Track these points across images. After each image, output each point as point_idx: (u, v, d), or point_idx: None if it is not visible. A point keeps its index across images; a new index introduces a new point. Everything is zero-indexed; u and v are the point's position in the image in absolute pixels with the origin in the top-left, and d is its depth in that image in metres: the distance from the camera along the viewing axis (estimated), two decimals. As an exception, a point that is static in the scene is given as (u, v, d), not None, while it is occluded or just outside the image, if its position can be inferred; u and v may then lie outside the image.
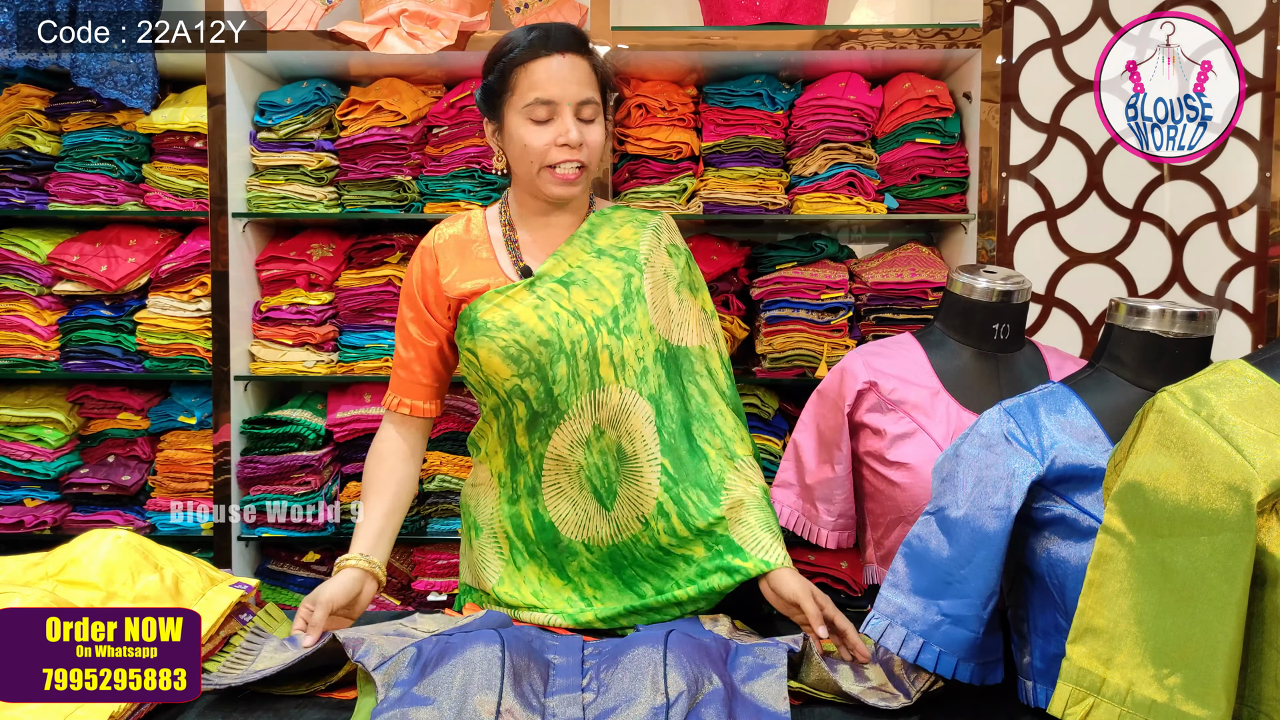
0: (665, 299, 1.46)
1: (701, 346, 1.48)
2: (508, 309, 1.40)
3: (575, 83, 1.38)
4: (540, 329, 1.38)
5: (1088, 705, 0.93)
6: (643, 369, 1.41)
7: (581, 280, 1.42)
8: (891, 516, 1.43)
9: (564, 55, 1.38)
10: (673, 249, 1.51)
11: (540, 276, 1.43)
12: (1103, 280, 2.38)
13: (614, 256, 1.45)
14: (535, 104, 1.37)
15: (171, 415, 2.53)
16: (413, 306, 1.49)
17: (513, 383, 1.40)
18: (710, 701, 1.01)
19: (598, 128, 1.41)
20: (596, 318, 1.40)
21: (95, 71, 2.34)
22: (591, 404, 1.39)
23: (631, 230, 1.48)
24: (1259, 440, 0.86)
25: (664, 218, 1.54)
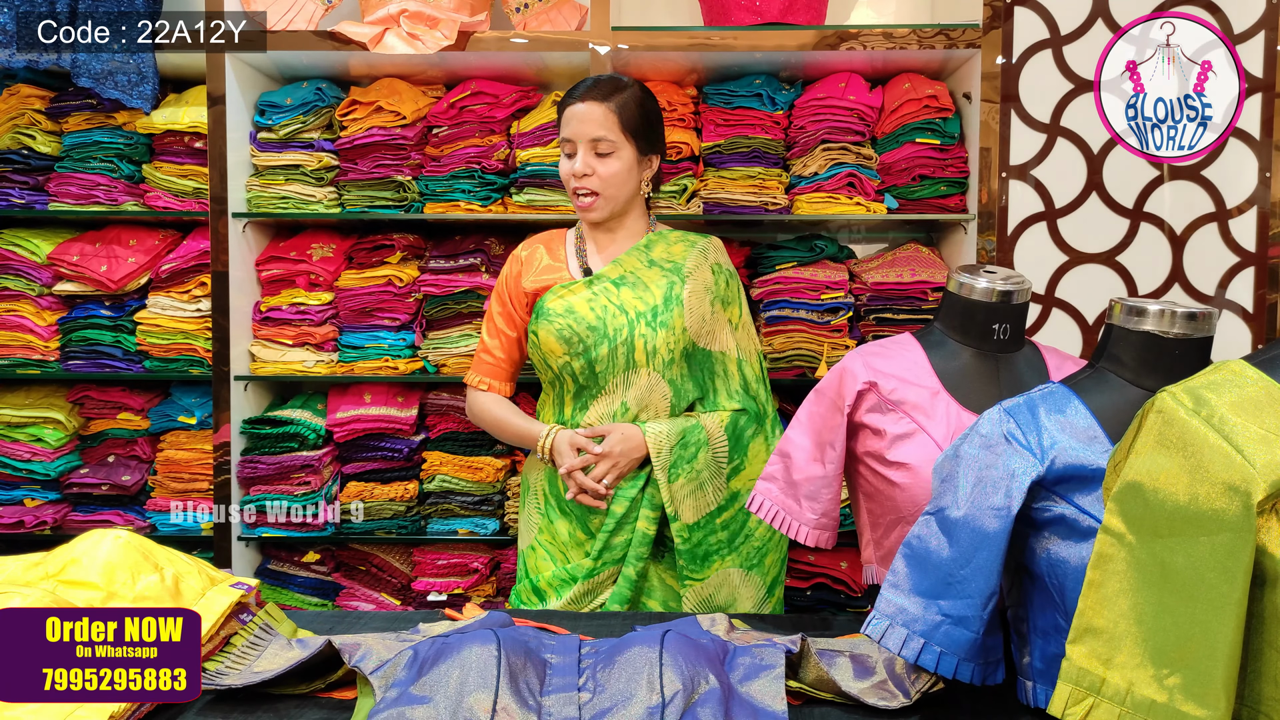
0: (701, 307, 1.74)
1: (723, 352, 1.78)
2: (567, 300, 1.73)
3: (590, 123, 1.70)
4: (590, 317, 1.71)
5: (1087, 705, 0.93)
6: (670, 359, 1.72)
7: (632, 283, 1.74)
8: (891, 516, 1.43)
9: (583, 102, 1.71)
10: (716, 268, 1.79)
11: (599, 277, 1.75)
12: (1103, 280, 2.38)
13: (663, 267, 1.76)
14: (563, 142, 1.74)
15: (172, 415, 2.53)
16: (500, 302, 1.84)
17: (564, 360, 1.72)
18: (707, 701, 1.01)
19: (612, 161, 1.71)
20: (638, 312, 1.71)
21: (95, 71, 2.34)
22: (624, 383, 1.72)
23: (683, 248, 1.79)
24: (1259, 440, 0.86)
25: (713, 241, 1.83)
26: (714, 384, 1.78)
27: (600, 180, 1.72)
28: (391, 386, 2.52)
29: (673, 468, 1.69)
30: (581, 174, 1.71)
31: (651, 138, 1.78)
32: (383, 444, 2.48)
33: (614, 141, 1.71)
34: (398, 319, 2.48)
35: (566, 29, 2.43)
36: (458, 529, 2.48)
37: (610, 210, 1.75)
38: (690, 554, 1.69)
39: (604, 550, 1.71)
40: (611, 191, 1.73)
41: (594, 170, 1.71)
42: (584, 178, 1.71)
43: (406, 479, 2.50)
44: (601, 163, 1.71)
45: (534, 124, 2.45)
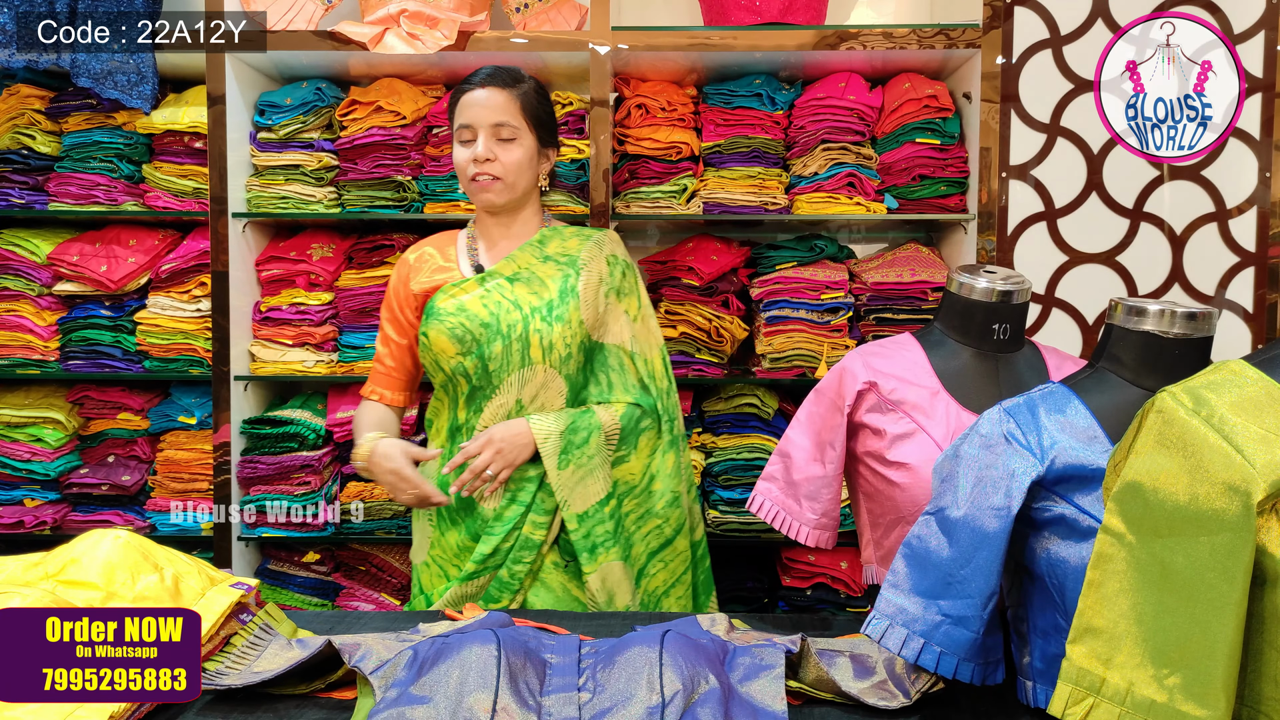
0: (596, 299, 1.70)
1: (618, 345, 1.72)
2: (458, 298, 1.67)
3: (492, 108, 1.66)
4: (483, 314, 1.65)
5: (1087, 705, 0.93)
6: (567, 354, 1.67)
7: (526, 278, 1.69)
8: (891, 516, 1.43)
9: (484, 89, 1.67)
10: (611, 259, 1.75)
11: (491, 273, 1.70)
12: (1103, 280, 2.38)
13: (558, 261, 1.72)
14: (460, 129, 1.68)
15: (171, 415, 2.53)
16: (388, 308, 1.78)
17: (456, 360, 1.66)
18: (706, 701, 1.01)
19: (514, 148, 1.67)
20: (533, 307, 1.66)
21: (95, 71, 2.34)
22: (519, 380, 1.66)
23: (577, 242, 1.75)
24: (1259, 440, 0.86)
25: (609, 233, 1.80)
26: (610, 378, 1.71)
27: (502, 166, 1.66)
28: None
29: (562, 454, 1.62)
30: (484, 158, 1.65)
31: (551, 130, 1.74)
32: (383, 444, 2.48)
33: (516, 128, 1.67)
34: (398, 319, 2.48)
35: (566, 29, 2.43)
36: (458, 529, 2.48)
37: (509, 197, 1.69)
38: (580, 545, 1.63)
39: (490, 555, 1.64)
40: (512, 179, 1.67)
41: (496, 156, 1.66)
42: (486, 163, 1.65)
43: (406, 479, 2.49)
44: (504, 149, 1.66)
45: (534, 124, 2.44)
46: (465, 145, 1.68)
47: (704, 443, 2.49)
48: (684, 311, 2.44)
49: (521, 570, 1.64)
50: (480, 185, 1.67)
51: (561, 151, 2.42)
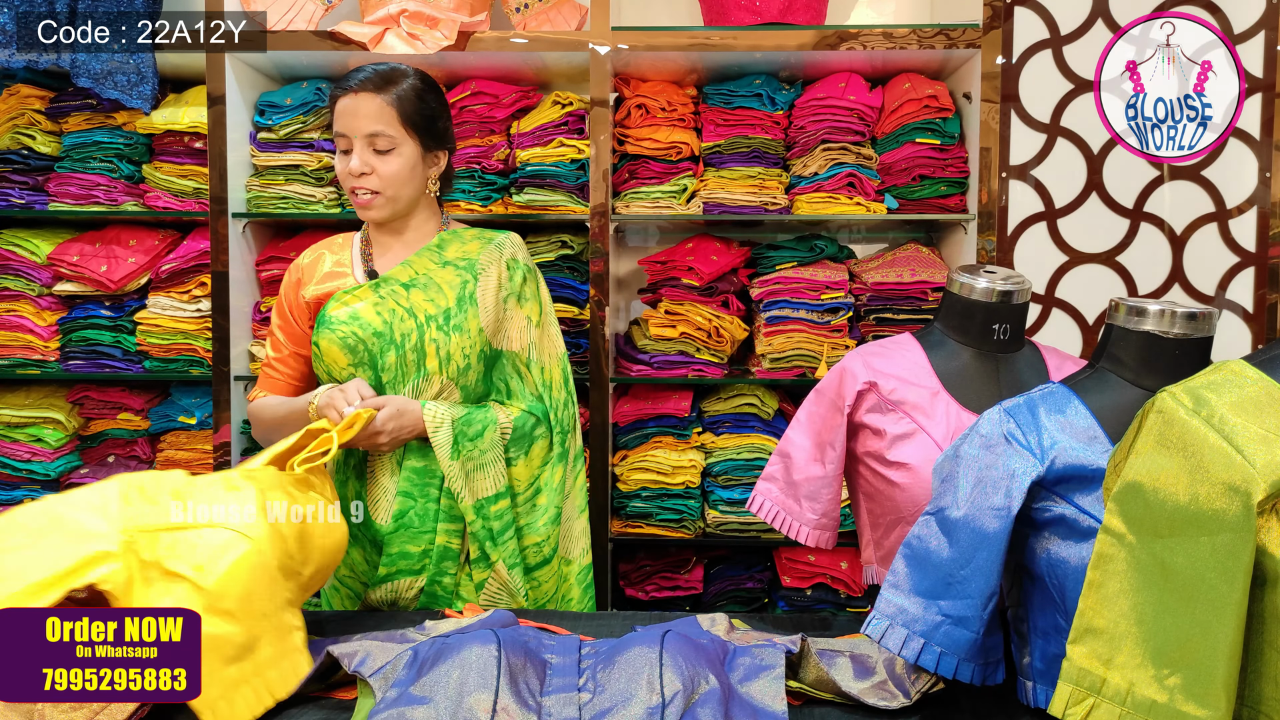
0: (495, 306, 1.63)
1: (515, 352, 1.66)
2: (350, 305, 1.59)
3: (364, 117, 1.57)
4: (376, 322, 1.57)
5: (1088, 705, 0.93)
6: (466, 365, 1.60)
7: (423, 284, 1.61)
8: (891, 517, 1.43)
9: (355, 94, 1.58)
10: (511, 263, 1.67)
11: (385, 279, 1.61)
12: (1103, 280, 2.38)
13: (457, 266, 1.63)
14: (337, 137, 1.60)
15: (171, 415, 2.53)
16: (281, 315, 1.70)
17: (348, 371, 1.59)
18: (706, 701, 1.01)
19: (392, 158, 1.58)
20: (429, 315, 1.58)
21: (95, 71, 2.34)
22: (413, 392, 1.59)
23: (478, 246, 1.67)
24: (1259, 440, 0.86)
25: (510, 237, 1.71)
26: (509, 385, 1.65)
27: (380, 179, 1.58)
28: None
29: (455, 444, 1.55)
30: (359, 172, 1.57)
31: (435, 133, 1.64)
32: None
33: (393, 136, 1.57)
34: (398, 319, 2.48)
35: (566, 29, 2.43)
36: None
37: (393, 210, 1.62)
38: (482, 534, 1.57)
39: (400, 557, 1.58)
40: (393, 191, 1.59)
41: (373, 168, 1.57)
42: (362, 176, 1.57)
43: (406, 479, 2.49)
44: (381, 160, 1.58)
45: (534, 124, 2.45)
46: (344, 155, 1.59)
47: (704, 443, 2.49)
48: (684, 311, 2.44)
49: (449, 583, 1.59)
50: (360, 203, 1.59)
51: (561, 152, 2.42)
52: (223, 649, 1.10)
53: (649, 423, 2.47)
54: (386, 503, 1.60)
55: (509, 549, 1.60)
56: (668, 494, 2.45)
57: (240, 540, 1.18)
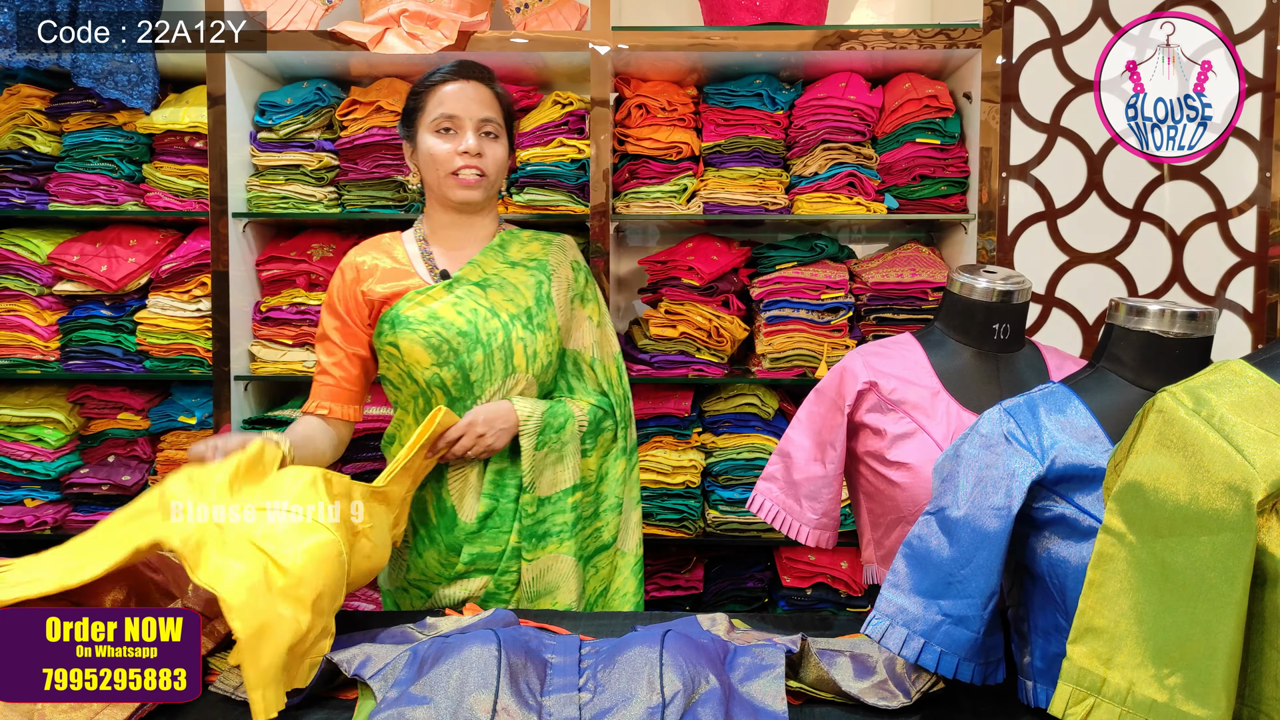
0: (565, 306, 1.69)
1: (578, 350, 1.71)
2: (428, 306, 1.60)
3: (479, 103, 1.61)
4: (459, 322, 1.59)
5: (1088, 705, 0.93)
6: (549, 362, 1.65)
7: (498, 284, 1.63)
8: (891, 516, 1.43)
9: (469, 81, 1.62)
10: (575, 264, 1.74)
11: (458, 279, 1.63)
12: (1103, 280, 2.38)
13: (526, 266, 1.67)
14: (441, 118, 1.60)
15: (172, 415, 2.53)
16: (334, 315, 1.66)
17: (432, 371, 1.60)
18: (707, 701, 1.01)
19: (498, 146, 1.63)
20: (511, 315, 1.61)
21: (96, 71, 2.34)
22: (501, 390, 1.61)
23: (540, 246, 1.71)
24: (1259, 440, 0.86)
25: (568, 239, 1.77)
26: (571, 383, 1.70)
27: (488, 162, 1.61)
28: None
29: (540, 434, 1.59)
30: (475, 152, 1.59)
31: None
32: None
33: (499, 125, 1.63)
34: (398, 319, 2.48)
35: (566, 29, 2.43)
36: (458, 529, 2.48)
37: (488, 195, 1.65)
38: (530, 531, 1.60)
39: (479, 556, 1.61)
40: (494, 176, 1.63)
41: (484, 152, 1.61)
42: (478, 157, 1.59)
43: (406, 479, 2.50)
44: (490, 145, 1.62)
45: (534, 124, 2.45)
46: (446, 135, 1.60)
47: (704, 443, 2.49)
48: (684, 311, 2.44)
49: (509, 581, 1.62)
50: (463, 182, 1.60)
51: (562, 151, 2.42)
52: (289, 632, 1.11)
53: (649, 422, 2.47)
54: (472, 501, 1.63)
55: (577, 542, 1.64)
56: (668, 494, 2.45)
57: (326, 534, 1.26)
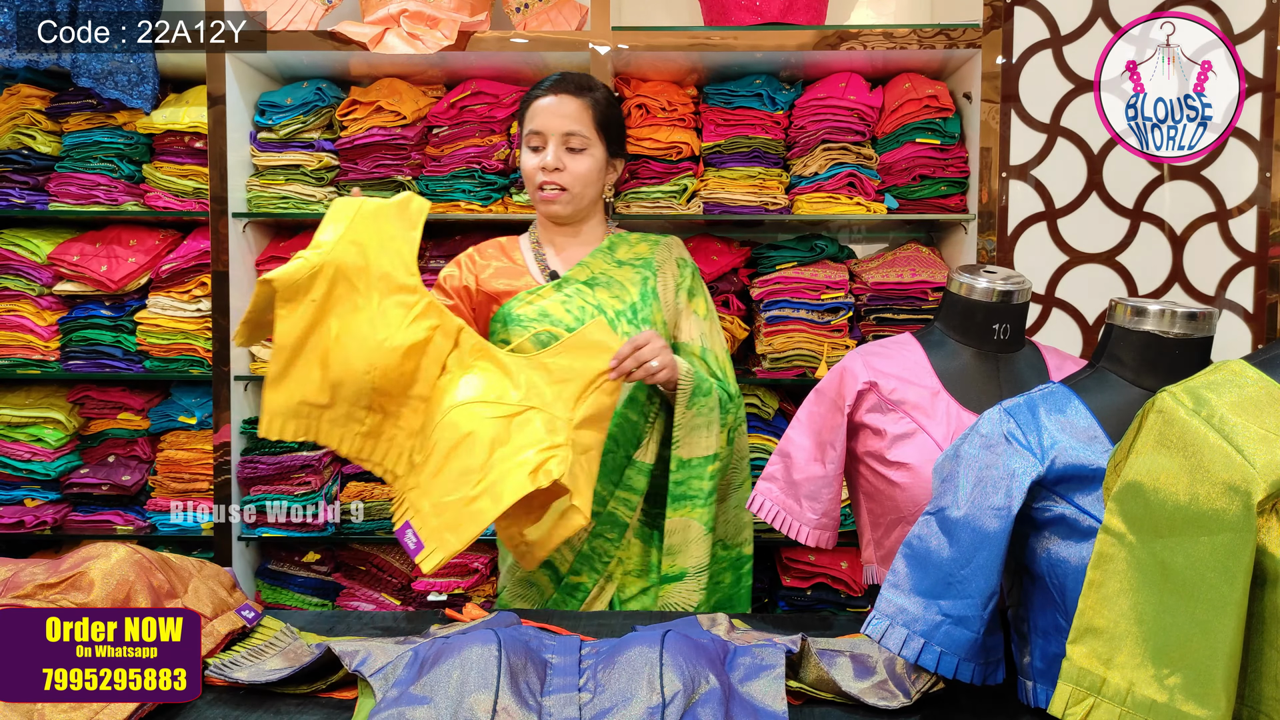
0: (672, 301, 1.72)
1: (688, 343, 1.73)
2: (538, 304, 1.65)
3: (563, 117, 1.65)
4: (567, 319, 1.62)
5: (1088, 705, 0.93)
6: None
7: (605, 282, 1.67)
8: (891, 516, 1.43)
9: (555, 95, 1.66)
10: (680, 261, 1.77)
11: (567, 279, 1.68)
12: (1103, 280, 2.38)
13: (633, 265, 1.71)
14: (529, 135, 1.68)
15: (172, 415, 2.53)
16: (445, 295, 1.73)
17: None
18: (707, 701, 1.01)
19: (584, 158, 1.66)
20: (617, 310, 1.65)
21: (96, 71, 2.34)
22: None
23: (647, 246, 1.76)
24: (1259, 440, 0.86)
25: (674, 239, 1.80)
26: None
27: (570, 176, 1.66)
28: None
29: (693, 395, 1.61)
30: (553, 168, 1.65)
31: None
32: (383, 444, 2.48)
33: (587, 138, 1.66)
34: (398, 319, 2.47)
35: (566, 29, 2.43)
36: (458, 529, 2.48)
37: (574, 208, 1.69)
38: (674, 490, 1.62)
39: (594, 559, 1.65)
40: (579, 189, 1.67)
41: (565, 166, 1.66)
42: (555, 172, 1.65)
43: (406, 479, 2.50)
44: (573, 159, 1.66)
45: (534, 124, 2.45)
46: (535, 153, 1.67)
47: (704, 443, 2.49)
48: (684, 311, 2.44)
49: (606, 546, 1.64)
50: (546, 197, 1.66)
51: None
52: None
53: (649, 423, 2.47)
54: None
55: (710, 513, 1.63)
56: (668, 494, 2.45)
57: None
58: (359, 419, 1.44)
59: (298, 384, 1.41)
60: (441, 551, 1.32)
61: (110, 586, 1.13)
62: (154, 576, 1.22)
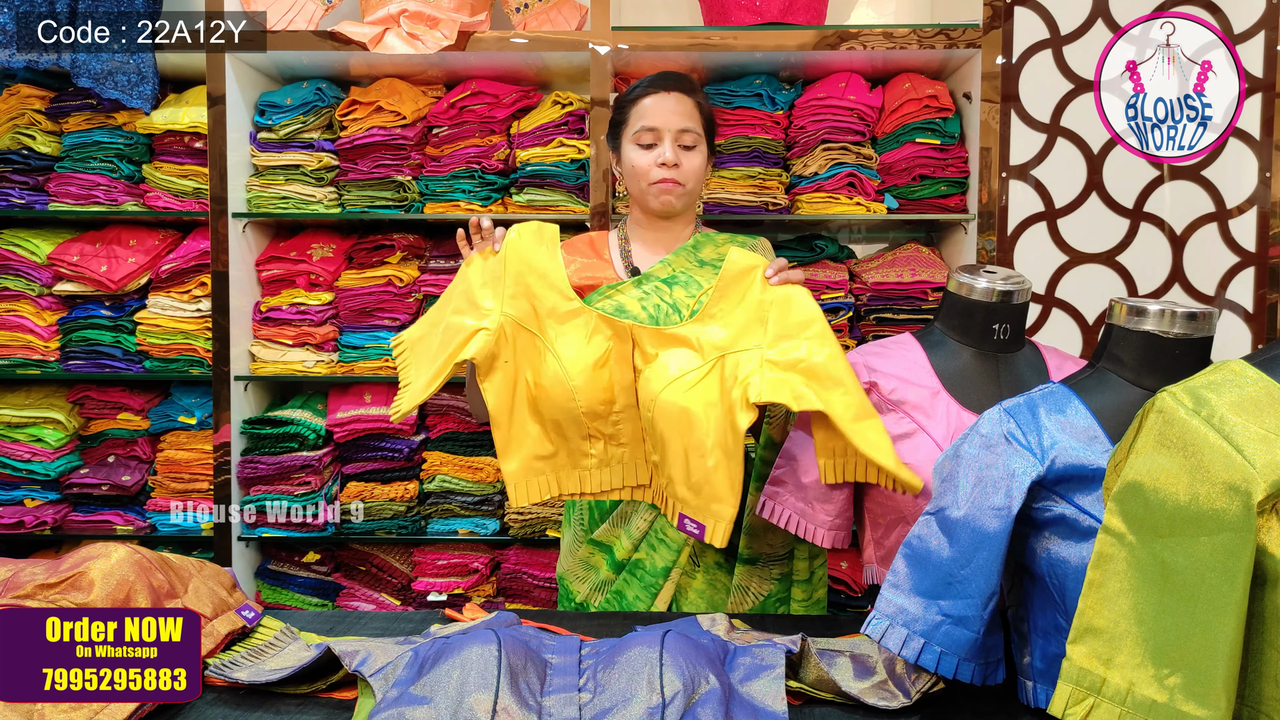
0: None
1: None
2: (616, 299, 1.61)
3: (678, 114, 1.64)
4: (641, 315, 1.58)
5: (1088, 705, 0.93)
6: None
7: (684, 282, 1.64)
8: (891, 516, 1.43)
9: (669, 92, 1.66)
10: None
11: (647, 276, 1.64)
12: (1103, 280, 2.38)
13: (715, 266, 1.66)
14: (642, 131, 1.65)
15: (172, 415, 2.53)
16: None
17: None
18: (707, 701, 1.01)
19: (695, 155, 1.66)
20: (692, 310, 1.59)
21: (95, 71, 2.34)
22: None
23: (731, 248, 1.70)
24: (1259, 440, 0.86)
25: (762, 240, 1.77)
26: None
27: (685, 172, 1.66)
28: (392, 386, 2.52)
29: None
30: (673, 164, 1.64)
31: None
32: (383, 444, 2.48)
33: (698, 135, 1.67)
34: (398, 319, 2.48)
35: (566, 29, 2.43)
36: (458, 529, 2.48)
37: (686, 203, 1.70)
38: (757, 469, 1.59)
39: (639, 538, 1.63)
40: (692, 184, 1.68)
41: (680, 162, 1.65)
42: (674, 169, 1.64)
43: (407, 479, 2.50)
44: (686, 155, 1.66)
45: (534, 124, 2.45)
46: (647, 149, 1.66)
47: (704, 443, 2.49)
48: (684, 311, 2.44)
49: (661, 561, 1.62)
50: (662, 188, 1.66)
51: (562, 152, 2.42)
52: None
53: (649, 423, 2.47)
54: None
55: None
56: (668, 494, 2.45)
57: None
58: (584, 452, 1.51)
59: (522, 444, 1.49)
60: (722, 522, 1.38)
61: (110, 586, 1.13)
62: (154, 576, 1.22)
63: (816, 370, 1.38)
